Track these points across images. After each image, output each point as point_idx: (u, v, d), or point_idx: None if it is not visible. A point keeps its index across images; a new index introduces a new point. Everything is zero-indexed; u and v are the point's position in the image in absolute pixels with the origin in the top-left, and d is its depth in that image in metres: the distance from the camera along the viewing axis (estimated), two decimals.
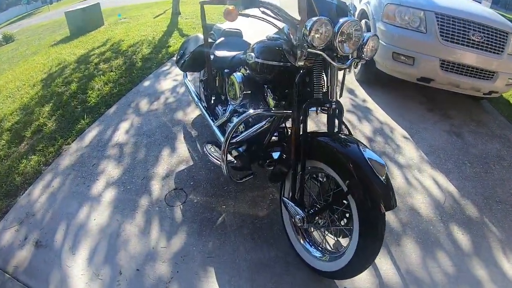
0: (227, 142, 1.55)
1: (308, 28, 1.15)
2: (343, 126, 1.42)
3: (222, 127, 2.00)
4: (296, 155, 1.35)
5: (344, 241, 1.43)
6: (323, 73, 1.33)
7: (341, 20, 1.18)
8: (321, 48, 1.20)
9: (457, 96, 3.23)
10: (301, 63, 1.25)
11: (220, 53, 2.06)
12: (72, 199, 2.01)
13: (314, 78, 1.33)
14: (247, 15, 1.35)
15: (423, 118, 2.99)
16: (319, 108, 1.34)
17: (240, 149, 1.69)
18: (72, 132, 2.70)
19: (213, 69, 2.27)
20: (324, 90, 1.33)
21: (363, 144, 1.26)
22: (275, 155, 1.75)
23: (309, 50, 1.21)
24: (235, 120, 1.58)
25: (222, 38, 2.26)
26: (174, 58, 4.31)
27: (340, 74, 1.39)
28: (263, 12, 1.33)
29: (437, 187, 2.18)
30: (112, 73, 3.80)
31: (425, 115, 3.05)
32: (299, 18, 1.27)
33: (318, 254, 1.49)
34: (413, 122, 2.89)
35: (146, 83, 3.55)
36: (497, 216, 2.02)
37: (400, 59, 2.92)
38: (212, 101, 2.34)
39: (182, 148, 2.42)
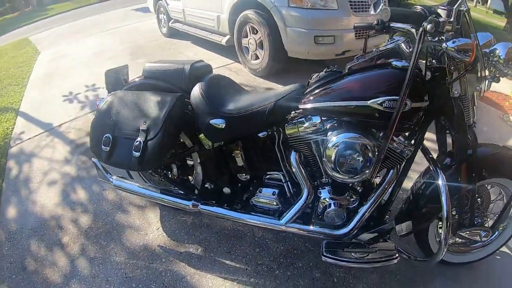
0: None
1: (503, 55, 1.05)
2: None
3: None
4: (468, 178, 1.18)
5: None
6: None
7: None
8: None
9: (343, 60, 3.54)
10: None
11: (236, 107, 1.34)
12: None
13: (464, 103, 1.12)
14: None
15: None
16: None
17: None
18: None
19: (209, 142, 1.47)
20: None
21: None
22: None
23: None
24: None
25: (201, 84, 1.41)
26: (14, 147, 2.48)
27: None
28: None
29: None
30: None
31: None
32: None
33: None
34: None
35: (11, 211, 1.84)
36: None
37: (322, 41, 2.83)
38: (212, 184, 1.63)
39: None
